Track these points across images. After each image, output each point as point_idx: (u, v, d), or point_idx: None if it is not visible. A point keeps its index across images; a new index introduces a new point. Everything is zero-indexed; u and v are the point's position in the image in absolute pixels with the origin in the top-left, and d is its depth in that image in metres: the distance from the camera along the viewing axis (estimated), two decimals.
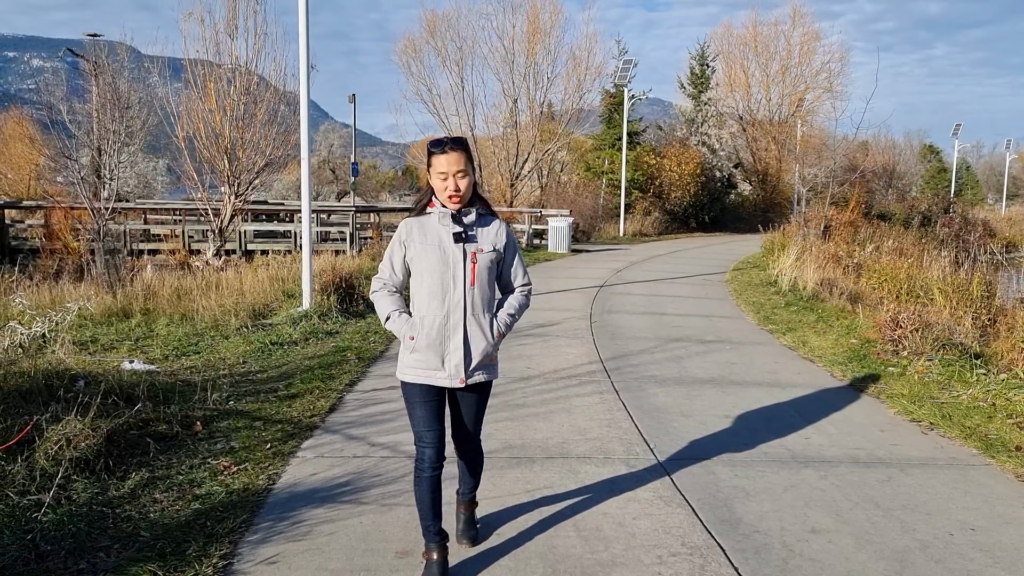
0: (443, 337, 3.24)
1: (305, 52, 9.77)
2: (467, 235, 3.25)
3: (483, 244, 3.29)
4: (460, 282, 3.23)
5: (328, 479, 4.51)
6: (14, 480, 4.08)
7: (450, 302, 3.24)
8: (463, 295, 3.24)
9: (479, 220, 3.31)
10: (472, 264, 3.25)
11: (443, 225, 3.26)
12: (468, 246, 3.25)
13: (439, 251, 3.24)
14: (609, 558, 3.62)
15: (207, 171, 17.42)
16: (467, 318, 3.25)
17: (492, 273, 3.33)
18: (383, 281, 3.41)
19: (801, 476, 4.75)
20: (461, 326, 3.24)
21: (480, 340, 3.28)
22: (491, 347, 3.31)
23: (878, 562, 3.64)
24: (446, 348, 3.25)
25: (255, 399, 6.12)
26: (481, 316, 3.29)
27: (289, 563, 3.50)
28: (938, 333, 7.59)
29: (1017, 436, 5.49)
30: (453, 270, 3.23)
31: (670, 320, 10.69)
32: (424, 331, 3.25)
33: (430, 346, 3.24)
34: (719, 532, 3.92)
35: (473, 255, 3.25)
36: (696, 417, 5.98)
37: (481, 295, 3.28)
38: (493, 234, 3.34)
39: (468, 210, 3.28)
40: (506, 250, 3.38)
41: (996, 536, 3.97)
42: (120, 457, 4.63)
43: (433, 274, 3.24)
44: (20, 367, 5.51)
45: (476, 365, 3.28)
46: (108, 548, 3.58)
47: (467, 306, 3.25)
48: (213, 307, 9.60)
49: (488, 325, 3.31)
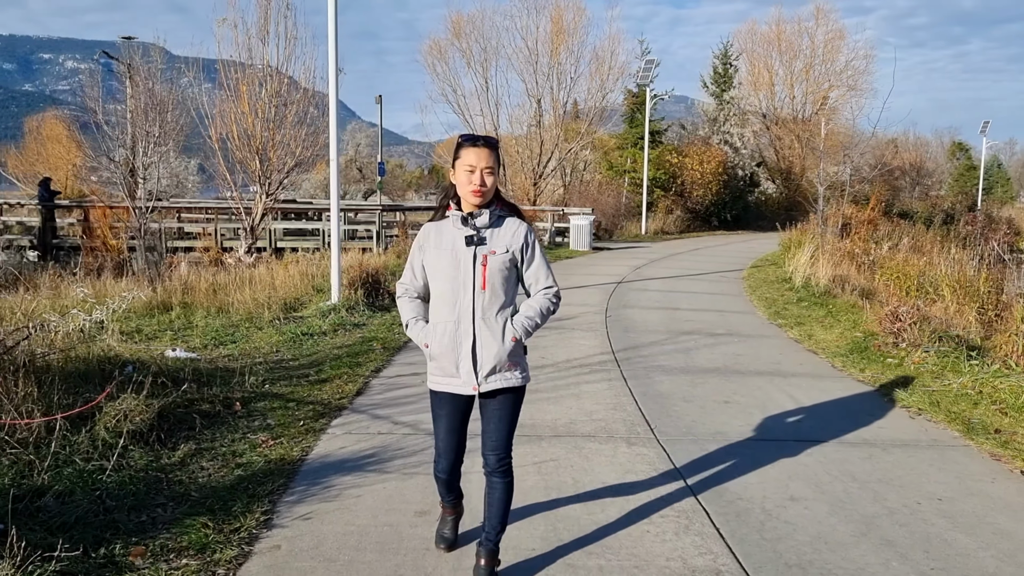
0: (455, 343, 3.20)
1: (334, 59, 10.29)
2: (478, 238, 3.19)
3: (495, 246, 3.20)
4: (470, 286, 3.17)
5: (355, 452, 5.00)
6: (79, 448, 4.61)
7: (460, 307, 3.19)
8: (473, 299, 3.18)
9: (494, 221, 3.24)
10: (483, 267, 3.17)
11: (456, 228, 3.23)
12: (479, 249, 3.18)
13: (451, 255, 3.20)
14: (604, 519, 4.06)
15: (239, 171, 18.06)
16: (477, 323, 3.19)
17: (507, 276, 3.23)
18: (405, 286, 3.39)
19: (788, 453, 5.16)
20: (471, 331, 3.19)
21: (492, 345, 3.19)
22: (505, 352, 3.21)
23: (847, 525, 4.06)
24: (458, 354, 3.21)
25: (288, 383, 6.64)
26: (493, 320, 3.20)
27: (321, 519, 3.98)
28: (936, 326, 7.94)
29: (998, 420, 5.86)
30: (463, 274, 3.18)
31: (683, 315, 11.09)
32: (437, 337, 3.23)
33: (443, 353, 3.22)
34: (706, 499, 4.35)
35: (484, 258, 3.18)
36: (697, 402, 6.40)
37: (493, 299, 3.19)
38: (509, 236, 3.24)
39: (480, 211, 3.21)
40: (524, 251, 3.26)
41: (960, 505, 4.37)
42: (170, 431, 5.15)
43: (445, 279, 3.21)
44: (78, 352, 6.06)
45: (490, 371, 3.20)
46: (164, 505, 4.10)
47: (477, 311, 3.18)
48: (247, 301, 10.16)
49: (501, 330, 3.21)
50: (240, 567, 3.47)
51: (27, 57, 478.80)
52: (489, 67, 31.64)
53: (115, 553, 3.51)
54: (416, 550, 3.65)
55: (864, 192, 25.50)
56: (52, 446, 4.44)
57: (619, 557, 3.63)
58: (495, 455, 3.30)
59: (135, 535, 3.70)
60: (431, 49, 32.31)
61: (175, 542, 3.66)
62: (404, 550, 3.66)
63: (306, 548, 3.66)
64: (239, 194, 18.46)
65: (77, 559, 3.32)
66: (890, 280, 13.11)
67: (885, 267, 13.42)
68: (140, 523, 3.86)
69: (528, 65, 31.81)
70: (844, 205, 20.24)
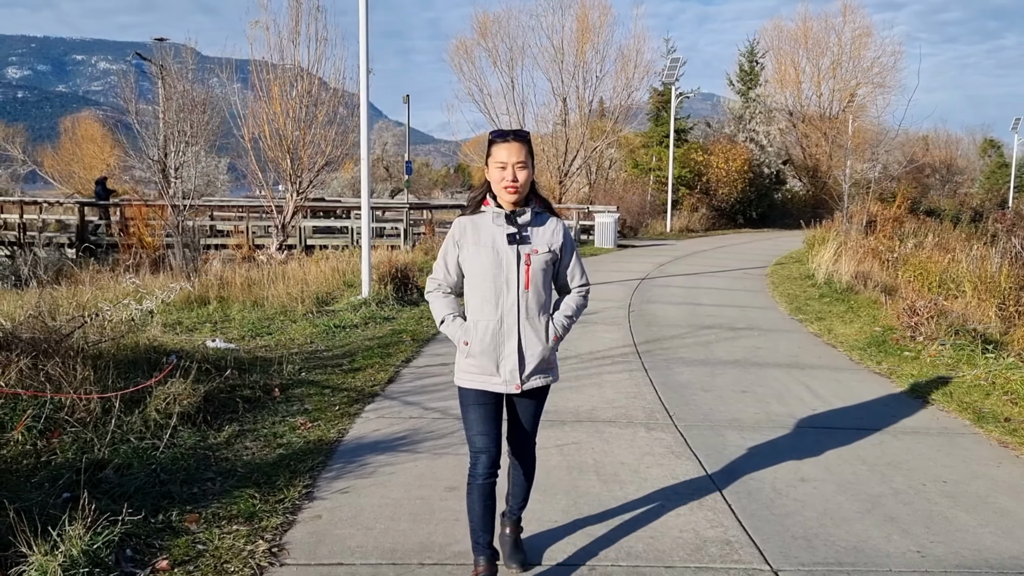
0: (497, 342, 3.17)
1: (365, 63, 10.63)
2: (521, 236, 3.15)
3: (538, 245, 3.18)
4: (514, 285, 3.14)
5: (388, 434, 5.30)
6: (133, 428, 4.95)
7: (503, 306, 3.16)
8: (517, 299, 3.15)
9: (534, 219, 3.21)
10: (526, 267, 3.14)
11: (497, 225, 3.17)
12: (522, 248, 3.15)
13: (492, 252, 3.15)
14: (623, 495, 4.33)
15: (270, 170, 18.50)
16: (521, 322, 3.16)
17: (548, 275, 3.22)
18: (437, 282, 3.33)
19: (801, 439, 5.39)
20: (515, 331, 3.16)
21: (535, 345, 3.19)
22: (547, 351, 3.22)
23: (853, 503, 4.28)
24: (500, 353, 3.17)
25: (323, 372, 6.96)
26: (536, 320, 3.19)
27: (358, 493, 4.28)
28: (952, 321, 8.09)
29: (1009, 410, 6.03)
30: (506, 273, 3.14)
31: (705, 310, 11.29)
32: (478, 336, 3.18)
33: (484, 352, 3.17)
34: (719, 478, 4.60)
35: (527, 257, 3.15)
36: (715, 392, 6.63)
37: (536, 298, 3.18)
38: (549, 234, 3.22)
39: (523, 209, 3.19)
40: (563, 250, 3.26)
41: (964, 487, 4.57)
42: (215, 413, 5.49)
43: (486, 277, 3.16)
44: (126, 342, 6.42)
45: (532, 370, 3.21)
46: (213, 479, 4.42)
47: (521, 310, 3.16)
48: (281, 295, 10.52)
49: (544, 329, 3.21)
50: (285, 533, 3.78)
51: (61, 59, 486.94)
52: (515, 66, 31.96)
53: (171, 519, 3.83)
54: (447, 520, 3.93)
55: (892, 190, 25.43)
56: (109, 425, 4.78)
57: (636, 528, 3.90)
58: (527, 447, 3.43)
59: (188, 504, 4.02)
60: (457, 49, 32.70)
61: (225, 511, 3.98)
62: (435, 520, 3.94)
63: (345, 518, 3.96)
64: (271, 192, 18.90)
65: (138, 523, 3.64)
66: (912, 276, 13.19)
67: (908, 264, 13.50)
68: (192, 494, 4.18)
69: (554, 64, 32.09)
70: (869, 202, 20.25)
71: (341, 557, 3.54)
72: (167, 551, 3.52)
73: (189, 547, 3.57)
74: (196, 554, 3.52)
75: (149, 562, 3.43)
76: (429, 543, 3.70)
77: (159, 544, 3.59)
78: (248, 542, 3.65)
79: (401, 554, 3.58)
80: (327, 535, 3.77)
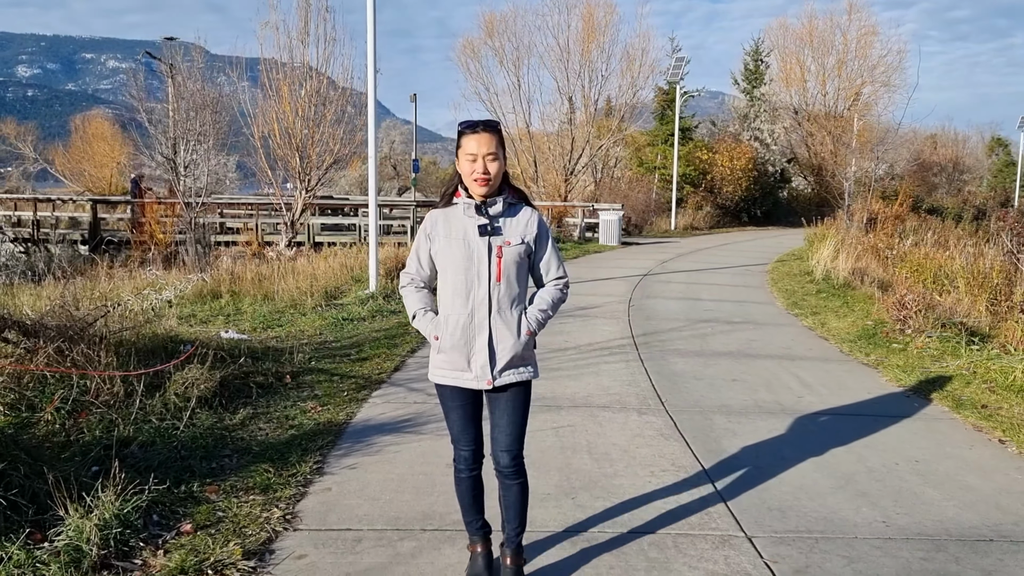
0: (468, 337, 3.10)
1: (372, 64, 10.94)
2: (493, 227, 3.08)
3: (510, 236, 3.10)
4: (485, 278, 3.06)
5: (393, 417, 5.61)
6: (154, 410, 5.27)
7: (474, 300, 3.08)
8: (488, 292, 3.07)
9: (507, 210, 3.13)
10: (498, 259, 3.07)
11: (468, 217, 3.10)
12: (494, 239, 3.07)
13: (463, 245, 3.08)
14: (612, 472, 4.62)
15: (280, 168, 18.85)
16: (492, 316, 3.09)
17: (521, 267, 3.14)
18: (410, 276, 3.28)
19: (784, 423, 5.67)
20: (486, 325, 3.09)
21: (508, 339, 3.10)
22: (520, 346, 3.12)
23: (827, 479, 4.57)
24: (471, 348, 3.10)
25: (332, 361, 7.28)
26: (508, 313, 3.11)
27: (365, 468, 4.60)
28: (940, 314, 8.35)
29: (986, 397, 6.30)
30: (477, 266, 3.07)
31: (703, 305, 11.57)
32: (448, 331, 3.11)
33: (455, 346, 3.10)
34: (704, 457, 4.89)
35: (499, 249, 3.07)
36: (707, 380, 6.92)
37: (508, 291, 3.10)
38: (523, 225, 3.14)
39: (494, 200, 3.10)
40: (537, 241, 3.17)
41: (935, 466, 4.86)
42: (230, 398, 5.81)
43: (457, 270, 3.09)
44: (145, 331, 6.75)
45: (504, 365, 3.11)
46: (230, 456, 4.74)
47: (492, 303, 3.08)
48: (291, 289, 10.85)
49: (516, 323, 3.12)
50: (298, 503, 4.09)
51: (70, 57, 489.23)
52: (521, 65, 32.19)
53: (193, 490, 4.14)
54: (447, 493, 4.21)
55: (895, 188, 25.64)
56: (132, 407, 5.10)
57: (622, 501, 4.19)
58: (508, 454, 3.18)
59: (208, 477, 4.34)
60: (464, 48, 32.94)
61: (243, 483, 4.29)
62: (437, 492, 4.25)
63: (353, 490, 4.27)
64: (279, 190, 19.25)
65: (163, 492, 3.96)
66: (909, 273, 13.44)
67: (903, 260, 13.74)
68: (211, 469, 4.50)
69: (559, 63, 32.30)
70: (870, 201, 20.48)
71: (349, 524, 3.85)
72: (190, 516, 3.84)
73: (210, 513, 3.88)
74: (216, 519, 3.84)
75: (174, 526, 3.75)
76: (431, 512, 4.00)
77: (182, 511, 3.90)
78: (264, 510, 3.96)
79: (404, 521, 3.89)
80: (336, 505, 4.08)
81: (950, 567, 3.52)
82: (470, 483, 3.28)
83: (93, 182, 46.75)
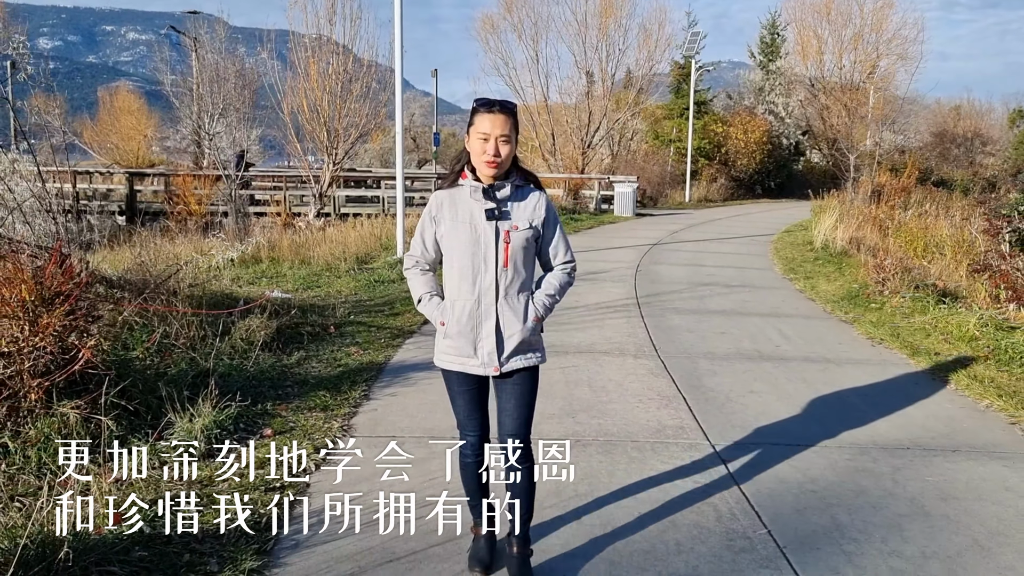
0: (475, 323, 3.05)
1: (399, 46, 11.82)
2: (500, 212, 3.01)
3: (518, 221, 3.04)
4: (492, 263, 3.01)
5: (425, 359, 6.58)
6: (224, 351, 6.28)
7: (481, 285, 3.03)
8: (495, 277, 3.02)
9: (515, 194, 3.06)
10: (505, 244, 3.01)
11: (475, 200, 3.02)
12: (501, 224, 3.01)
13: (470, 229, 3.02)
14: (607, 400, 5.59)
15: (308, 141, 19.83)
16: (499, 302, 3.04)
17: (529, 252, 3.08)
18: (415, 259, 3.23)
19: (759, 366, 6.60)
20: (493, 311, 3.04)
21: (515, 325, 3.06)
22: (527, 332, 3.07)
23: (786, 406, 5.51)
24: (478, 334, 3.05)
25: (368, 315, 8.28)
26: (515, 299, 3.06)
27: (403, 396, 5.59)
28: (915, 276, 9.21)
29: (940, 347, 7.20)
30: (484, 250, 3.01)
31: (706, 270, 12.46)
32: (455, 317, 3.07)
33: (461, 332, 3.06)
34: (685, 390, 5.84)
35: (506, 234, 3.01)
36: (698, 333, 7.85)
37: (515, 276, 3.05)
38: (531, 209, 3.07)
39: (502, 183, 3.02)
40: (545, 226, 3.11)
41: (881, 399, 5.78)
42: (285, 343, 6.82)
43: (463, 254, 3.03)
44: (209, 287, 7.76)
45: (511, 352, 3.07)
46: (291, 386, 5.74)
47: (499, 289, 3.03)
48: (326, 255, 11.85)
49: (523, 308, 3.08)
50: (351, 419, 5.09)
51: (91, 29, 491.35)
52: (539, 40, 32.80)
53: (267, 408, 5.15)
54: None
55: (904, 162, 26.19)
56: (206, 348, 6.11)
57: (613, 419, 5.16)
58: (516, 439, 3.14)
59: (277, 400, 5.35)
60: (484, 23, 33.57)
61: (305, 405, 5.30)
62: None
63: (394, 410, 5.27)
64: (307, 163, 20.24)
65: (245, 408, 4.96)
66: (903, 242, 14.23)
67: (899, 230, 14.53)
68: (278, 394, 5.51)
69: (577, 38, 32.88)
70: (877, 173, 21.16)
71: (393, 432, 4.85)
72: (268, 425, 4.85)
73: (283, 424, 4.90)
74: (289, 428, 4.85)
75: (257, 431, 4.76)
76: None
77: (261, 422, 4.92)
78: (325, 422, 4.97)
79: (436, 432, 4.87)
80: (382, 420, 5.07)
81: (867, 464, 4.47)
82: (475, 468, 3.27)
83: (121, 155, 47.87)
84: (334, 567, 3.28)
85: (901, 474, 4.35)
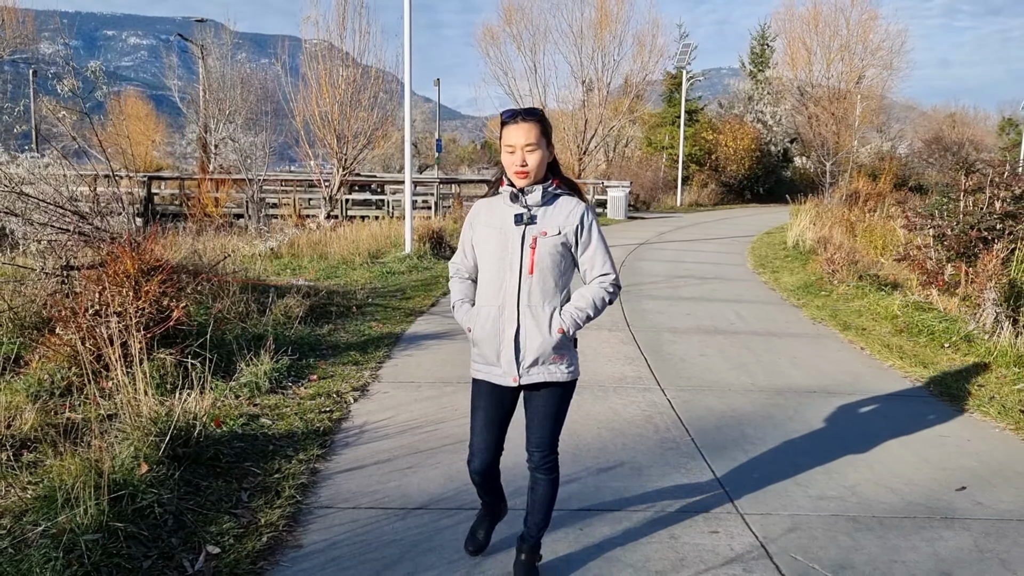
0: (497, 330, 2.99)
1: (408, 61, 13.15)
2: (529, 217, 2.94)
3: (547, 227, 2.94)
4: (516, 269, 2.94)
5: (435, 331, 7.92)
6: (267, 323, 7.60)
7: (505, 291, 2.97)
8: (519, 284, 2.94)
9: (547, 199, 2.98)
10: (531, 250, 2.92)
11: (507, 205, 2.99)
12: (529, 229, 2.93)
13: (499, 234, 2.98)
14: (583, 360, 6.86)
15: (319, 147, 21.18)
16: (521, 309, 2.96)
17: (557, 261, 2.96)
18: (456, 266, 3.22)
19: (712, 338, 7.93)
20: (515, 318, 2.96)
21: (535, 336, 2.95)
22: (549, 345, 2.95)
23: (726, 365, 6.83)
24: (500, 342, 2.99)
25: (384, 299, 9.60)
26: (540, 308, 2.96)
27: (418, 356, 6.91)
28: (860, 268, 10.53)
29: (867, 324, 8.52)
30: (510, 256, 2.95)
31: (684, 266, 13.79)
32: (480, 323, 3.03)
33: (485, 339, 3.02)
34: (647, 352, 7.17)
35: (534, 239, 2.93)
36: (666, 314, 9.18)
37: (542, 285, 2.95)
38: (563, 216, 2.97)
39: (532, 188, 2.95)
40: (578, 233, 2.98)
41: (807, 360, 7.10)
42: (316, 318, 8.14)
43: (491, 259, 3.00)
44: (250, 274, 9.08)
45: (532, 363, 2.97)
46: (326, 349, 7.06)
47: (522, 296, 2.95)
48: (341, 250, 13.19)
49: (548, 320, 2.96)
50: (378, 370, 6.41)
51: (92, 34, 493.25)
52: (538, 51, 34.33)
53: (310, 363, 6.47)
54: None
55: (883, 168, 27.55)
56: (253, 320, 7.43)
57: (585, 372, 6.39)
58: (539, 452, 3.10)
59: (317, 358, 6.66)
60: (484, 35, 35.09)
61: (340, 361, 6.61)
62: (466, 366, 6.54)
63: (412, 365, 6.59)
64: (319, 168, 21.59)
65: (293, 361, 6.28)
66: (868, 241, 15.56)
67: (864, 231, 15.86)
68: (317, 354, 6.82)
69: (574, 49, 34.37)
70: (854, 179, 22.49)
71: (412, 379, 6.16)
72: (313, 374, 6.17)
73: (324, 373, 6.22)
74: (330, 376, 6.17)
75: (306, 376, 6.08)
76: (463, 376, 6.30)
77: (308, 372, 6.23)
78: (358, 371, 6.29)
79: (445, 380, 6.19)
80: (402, 371, 6.40)
81: (779, 401, 5.79)
82: (482, 484, 3.25)
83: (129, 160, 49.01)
84: (375, 455, 4.59)
85: (803, 407, 5.67)
